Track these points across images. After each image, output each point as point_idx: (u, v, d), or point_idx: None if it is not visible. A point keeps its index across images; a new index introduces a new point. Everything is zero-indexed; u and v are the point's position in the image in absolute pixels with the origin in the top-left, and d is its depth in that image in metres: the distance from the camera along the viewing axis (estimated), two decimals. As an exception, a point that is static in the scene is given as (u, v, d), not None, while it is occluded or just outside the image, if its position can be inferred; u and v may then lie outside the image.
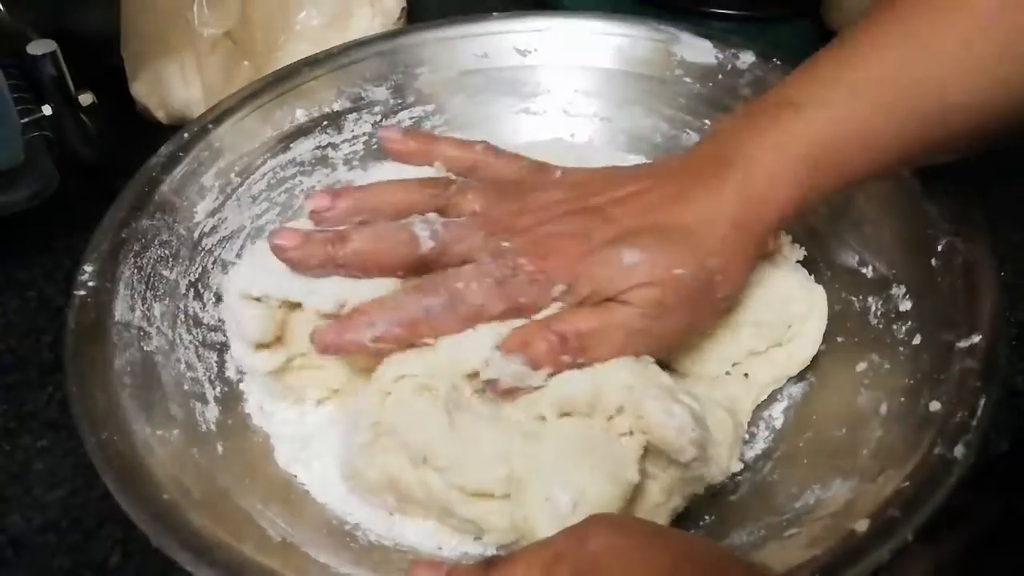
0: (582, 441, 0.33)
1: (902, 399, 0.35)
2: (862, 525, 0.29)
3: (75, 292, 0.39)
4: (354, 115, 0.53)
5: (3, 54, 0.50)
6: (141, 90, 0.59)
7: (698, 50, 0.52)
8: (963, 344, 0.35)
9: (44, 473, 0.41)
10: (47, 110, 0.50)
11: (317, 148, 0.52)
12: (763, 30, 0.66)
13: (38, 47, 0.49)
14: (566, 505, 0.32)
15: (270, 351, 0.40)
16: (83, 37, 0.58)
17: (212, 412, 0.39)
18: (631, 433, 0.34)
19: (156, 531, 0.29)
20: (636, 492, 0.33)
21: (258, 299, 0.39)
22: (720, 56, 0.52)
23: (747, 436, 0.40)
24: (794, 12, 0.66)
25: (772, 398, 0.41)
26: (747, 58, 0.51)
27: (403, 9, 0.61)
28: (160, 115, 0.60)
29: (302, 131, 0.52)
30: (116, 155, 0.53)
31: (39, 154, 0.49)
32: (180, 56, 0.57)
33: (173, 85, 0.58)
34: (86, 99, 0.52)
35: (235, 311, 0.40)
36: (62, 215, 0.51)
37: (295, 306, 0.40)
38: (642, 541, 0.26)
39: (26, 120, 0.49)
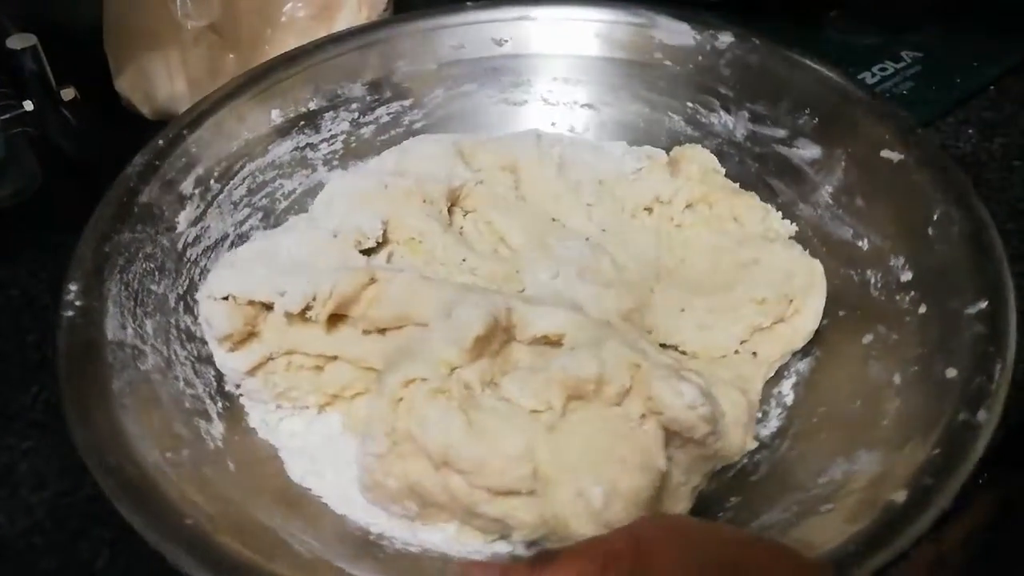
0: (605, 432, 0.33)
1: (915, 368, 0.35)
2: (900, 496, 0.29)
3: (62, 313, 0.37)
4: (331, 113, 0.52)
5: None
6: (125, 85, 0.57)
7: (676, 33, 0.52)
8: (971, 310, 0.35)
9: (29, 474, 0.40)
10: (28, 106, 0.48)
11: (296, 149, 0.50)
12: (756, 19, 0.66)
13: (18, 41, 0.47)
14: (599, 499, 0.31)
15: (245, 350, 0.39)
16: (66, 30, 0.56)
17: (217, 429, 0.37)
18: (644, 416, 0.34)
19: (191, 561, 0.27)
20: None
21: (226, 298, 0.39)
22: (699, 37, 0.52)
23: (759, 414, 0.40)
24: (777, 4, 0.66)
25: (780, 375, 0.42)
26: (726, 38, 0.51)
27: (389, 0, 0.60)
28: (145, 110, 0.58)
29: (279, 132, 0.50)
30: (100, 150, 0.52)
31: (21, 150, 0.48)
32: (164, 50, 0.55)
33: (157, 80, 0.56)
34: (68, 94, 0.50)
35: (205, 312, 0.39)
36: (45, 212, 0.49)
37: (268, 306, 0.39)
38: (697, 540, 0.26)
39: (7, 116, 0.47)
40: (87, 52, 0.57)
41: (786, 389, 0.41)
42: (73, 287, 0.38)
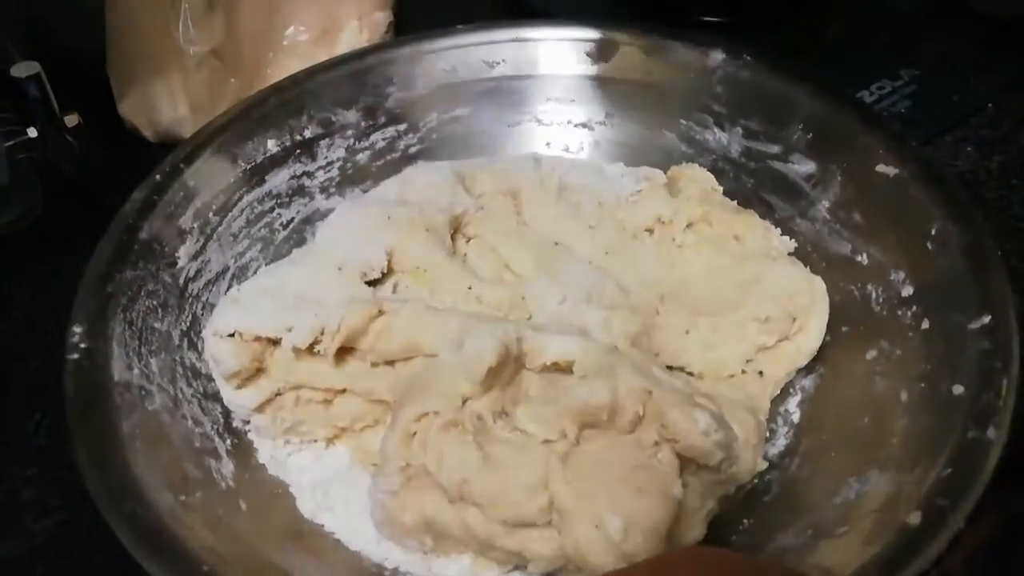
0: (620, 461, 0.33)
1: (922, 385, 0.36)
2: (915, 518, 0.29)
3: (68, 356, 0.36)
4: (326, 140, 0.52)
5: None
6: (128, 109, 0.57)
7: (668, 51, 0.52)
8: (974, 325, 0.36)
9: (32, 502, 0.40)
10: (32, 132, 0.49)
11: (292, 178, 0.50)
12: (754, 36, 0.66)
13: (22, 69, 0.47)
14: (617, 531, 0.31)
15: (254, 386, 0.39)
16: (70, 54, 0.57)
17: (227, 467, 0.37)
18: (657, 443, 0.34)
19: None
20: (674, 502, 0.33)
21: (232, 335, 0.38)
22: (690, 55, 0.52)
23: (767, 431, 0.40)
24: (772, 19, 0.67)
25: (786, 392, 0.42)
26: (717, 56, 0.51)
27: (390, 23, 0.60)
28: (148, 133, 0.58)
29: (275, 162, 0.50)
30: (103, 173, 0.53)
31: (25, 175, 0.48)
32: (167, 75, 0.55)
33: (160, 104, 0.56)
34: (72, 120, 0.51)
35: (211, 349, 0.39)
36: (48, 235, 0.50)
37: (275, 342, 0.39)
38: (717, 570, 0.26)
39: (12, 143, 0.48)
40: (90, 76, 0.57)
41: (792, 407, 0.41)
42: (77, 329, 0.37)
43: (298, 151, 0.51)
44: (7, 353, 0.47)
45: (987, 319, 0.35)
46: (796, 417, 0.41)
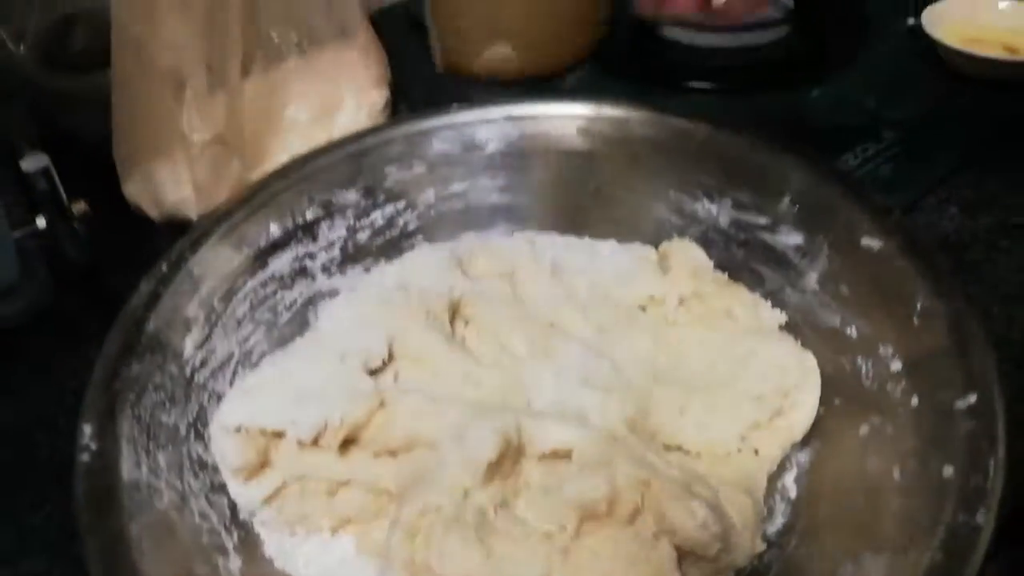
0: (620, 554, 0.34)
1: (913, 464, 0.37)
2: (909, 607, 0.30)
3: (78, 458, 0.37)
4: (327, 221, 0.53)
5: None
6: (133, 191, 0.59)
7: (655, 125, 0.54)
8: (961, 405, 0.36)
9: None
10: (41, 223, 0.50)
11: (295, 260, 0.52)
12: (741, 102, 0.69)
13: (31, 163, 0.49)
14: (619, 622, 0.32)
15: (260, 479, 0.40)
16: (75, 137, 0.59)
17: (235, 563, 0.38)
18: (656, 535, 0.35)
19: None
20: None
21: (238, 430, 0.39)
22: (677, 129, 0.54)
23: (765, 511, 0.41)
24: (758, 85, 0.69)
25: (782, 467, 0.43)
26: (703, 129, 0.53)
27: (387, 101, 0.62)
28: (153, 213, 0.59)
29: (278, 245, 0.51)
30: (109, 255, 0.55)
31: (34, 266, 0.49)
32: (171, 159, 0.56)
33: (165, 186, 0.58)
34: (79, 208, 0.52)
35: (218, 444, 0.40)
36: (57, 323, 0.51)
37: (280, 435, 0.40)
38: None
39: (20, 234, 0.49)
40: (95, 158, 0.59)
41: (789, 482, 0.42)
42: (87, 429, 0.38)
43: (300, 233, 0.52)
44: (17, 444, 0.48)
45: (973, 398, 0.36)
46: (793, 493, 0.41)
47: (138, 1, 0.51)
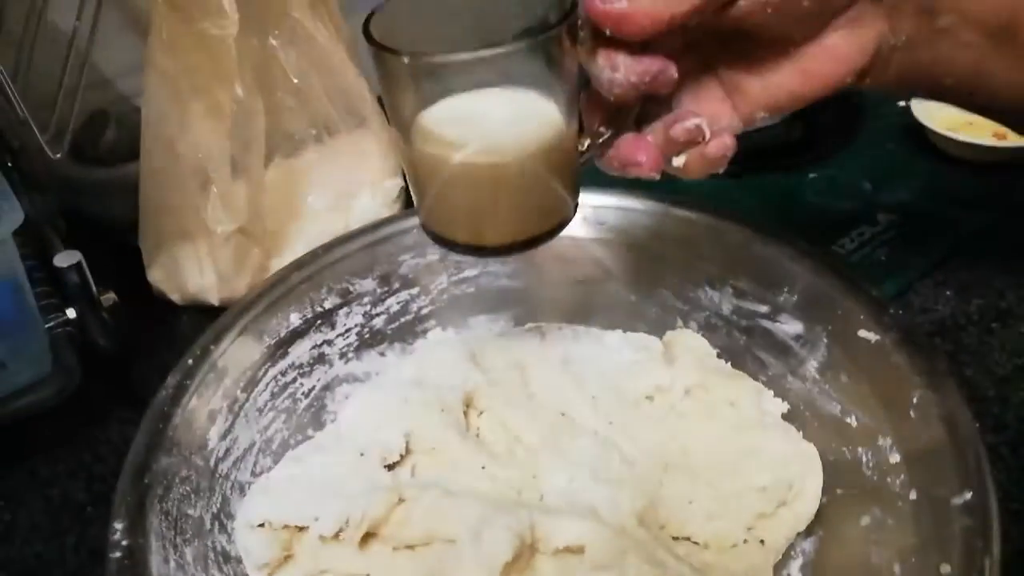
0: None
1: (913, 559, 0.38)
2: None
3: (110, 555, 0.39)
4: (344, 309, 0.55)
5: (30, 259, 0.54)
6: (158, 276, 0.62)
7: (659, 216, 0.56)
8: (957, 501, 0.38)
9: None
10: (71, 313, 0.53)
11: (313, 348, 0.54)
12: (739, 185, 0.72)
13: (64, 259, 0.52)
14: None
15: (283, 573, 0.41)
16: (102, 222, 0.63)
17: (259, 656, 0.39)
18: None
19: None
20: None
21: (262, 525, 0.41)
22: (679, 218, 0.56)
23: (772, 601, 0.42)
24: (764, 168, 0.73)
25: (787, 556, 0.44)
26: (704, 219, 0.55)
27: (401, 188, 0.64)
28: (175, 297, 0.62)
29: (297, 334, 0.53)
30: (134, 339, 0.58)
31: (63, 352, 0.52)
32: (195, 248, 0.60)
33: (188, 273, 0.61)
34: (108, 300, 0.55)
35: (243, 540, 0.42)
36: (84, 409, 0.54)
37: (302, 529, 0.41)
38: None
39: (51, 324, 0.52)
40: (120, 243, 0.63)
41: (795, 571, 0.43)
42: (118, 525, 0.40)
43: (319, 321, 0.54)
44: (45, 531, 0.49)
45: (968, 495, 0.38)
46: (799, 582, 0.43)
47: (169, 106, 0.54)
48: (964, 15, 0.36)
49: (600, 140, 0.38)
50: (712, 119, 0.37)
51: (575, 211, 0.41)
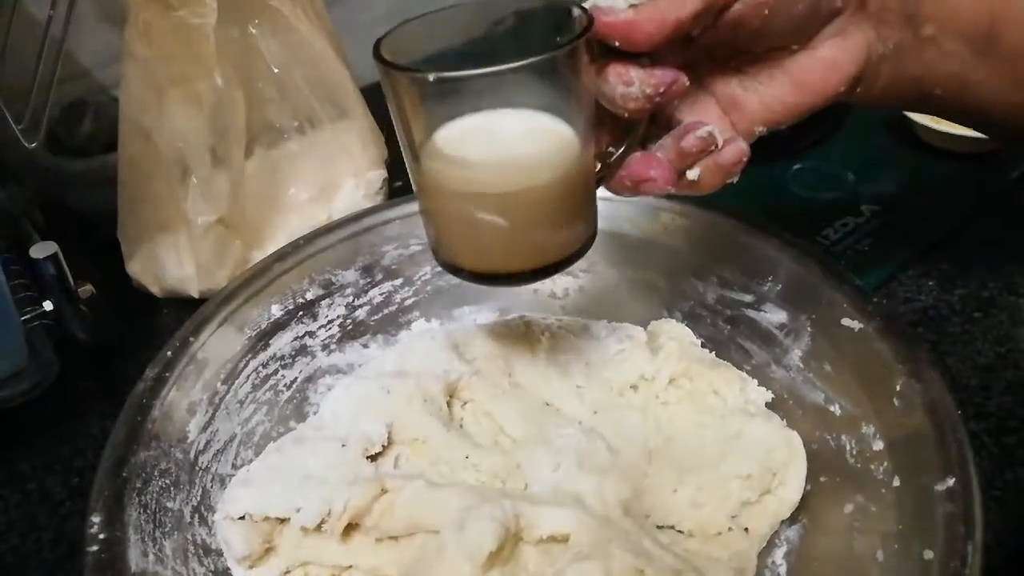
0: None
1: (896, 546, 0.38)
2: None
3: (87, 549, 0.38)
4: (327, 300, 0.55)
5: (6, 251, 0.53)
6: (137, 268, 0.61)
7: (643, 207, 0.56)
8: (940, 487, 0.38)
9: None
10: (48, 306, 0.52)
11: (295, 339, 0.53)
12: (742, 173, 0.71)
13: (40, 250, 0.51)
14: None
15: (264, 566, 0.41)
16: (79, 214, 0.62)
17: (240, 650, 0.39)
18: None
19: None
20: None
21: (243, 518, 0.40)
22: (663, 209, 0.56)
23: (756, 588, 0.42)
24: (764, 158, 0.72)
25: (771, 543, 0.44)
26: (688, 210, 0.55)
27: (384, 179, 0.64)
28: (155, 290, 0.61)
29: (279, 325, 0.53)
30: (112, 331, 0.57)
31: (40, 345, 0.51)
32: (174, 240, 0.59)
33: (168, 265, 0.60)
34: (86, 292, 0.54)
35: (223, 532, 0.41)
36: (61, 403, 0.52)
37: (283, 520, 0.41)
38: None
39: (27, 316, 0.51)
40: (99, 235, 0.62)
41: (779, 559, 0.43)
42: (95, 519, 0.39)
43: (300, 313, 0.54)
44: (22, 526, 0.48)
45: (951, 482, 0.38)
46: (783, 570, 0.43)
47: (147, 95, 0.53)
48: (944, 24, 0.37)
49: (610, 160, 0.37)
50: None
51: (594, 236, 0.40)
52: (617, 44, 0.33)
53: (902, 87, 0.39)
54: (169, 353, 0.48)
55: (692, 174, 0.36)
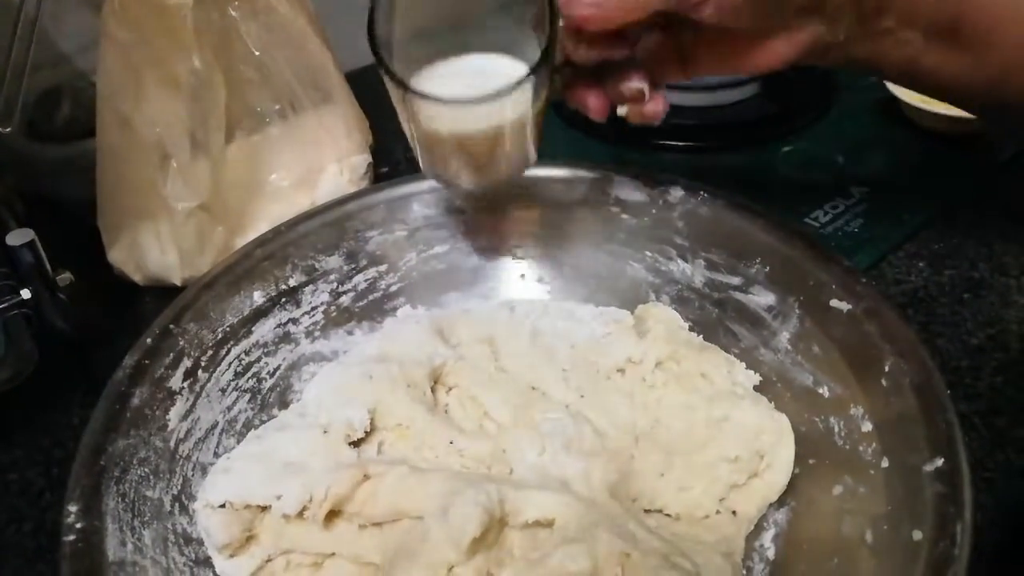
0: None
1: (885, 527, 0.38)
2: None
3: (64, 538, 0.37)
4: (310, 287, 0.54)
5: None
6: (118, 256, 0.60)
7: (631, 188, 0.55)
8: (928, 468, 0.38)
9: None
10: (26, 294, 0.51)
11: (278, 326, 0.52)
12: (713, 159, 0.72)
13: (16, 237, 0.50)
14: None
15: (246, 554, 0.40)
16: (59, 201, 0.61)
17: (221, 641, 0.38)
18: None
19: None
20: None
21: (223, 506, 0.40)
22: (652, 192, 0.55)
23: (744, 572, 0.41)
24: (737, 142, 0.72)
25: (760, 526, 0.43)
26: (676, 192, 0.54)
27: (369, 164, 0.63)
28: (136, 278, 0.60)
29: (261, 312, 0.52)
30: (93, 320, 0.56)
31: (18, 334, 0.50)
32: (155, 227, 0.57)
33: (149, 252, 0.59)
34: (64, 280, 0.53)
35: (203, 521, 0.40)
36: (40, 392, 0.51)
37: (264, 508, 0.40)
38: None
39: (5, 305, 0.50)
40: (79, 224, 0.61)
41: (767, 541, 0.43)
42: (72, 508, 0.38)
43: (284, 299, 0.53)
44: (2, 518, 0.48)
45: (940, 462, 0.37)
46: (771, 553, 0.42)
47: (125, 78, 0.52)
48: (909, 15, 0.39)
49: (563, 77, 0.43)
50: (659, 76, 0.43)
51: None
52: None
53: (849, 66, 0.43)
54: (149, 340, 0.47)
55: (621, 111, 0.45)
